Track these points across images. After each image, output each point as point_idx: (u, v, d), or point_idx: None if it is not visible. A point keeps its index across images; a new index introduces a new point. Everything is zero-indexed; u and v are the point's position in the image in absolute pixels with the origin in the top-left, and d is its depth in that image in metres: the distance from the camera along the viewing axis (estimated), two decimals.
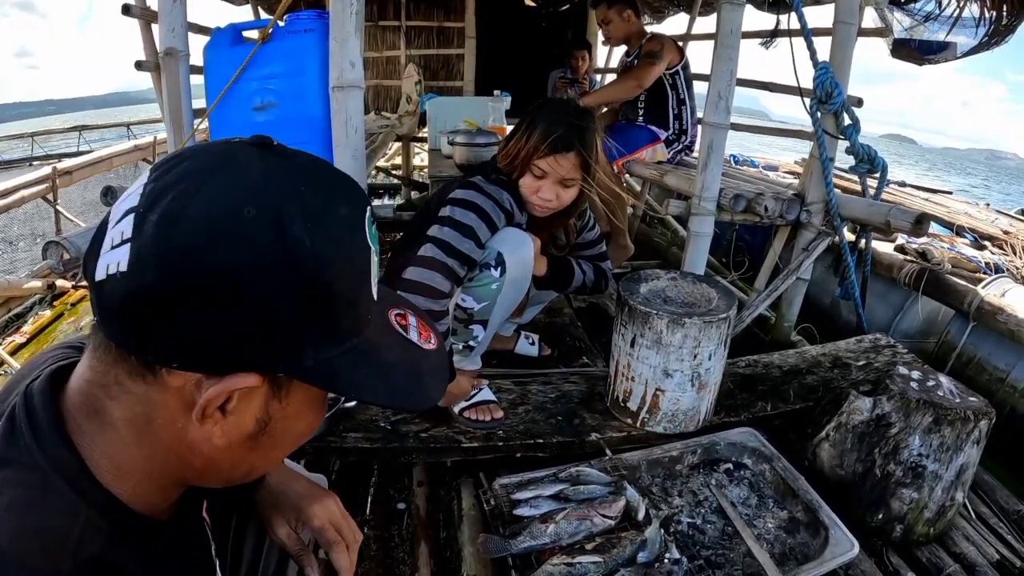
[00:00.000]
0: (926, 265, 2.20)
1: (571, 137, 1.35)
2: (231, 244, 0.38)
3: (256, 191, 0.40)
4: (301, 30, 1.75)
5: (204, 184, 0.39)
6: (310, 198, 0.42)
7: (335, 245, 0.42)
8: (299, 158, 0.45)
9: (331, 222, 0.42)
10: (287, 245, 0.39)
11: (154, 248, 0.38)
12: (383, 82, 5.38)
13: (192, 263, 0.37)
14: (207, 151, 0.42)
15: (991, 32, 2.21)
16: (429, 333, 0.55)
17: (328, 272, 0.42)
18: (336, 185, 0.45)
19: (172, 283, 0.38)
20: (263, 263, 0.39)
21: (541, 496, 1.14)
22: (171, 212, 0.38)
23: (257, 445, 0.46)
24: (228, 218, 0.38)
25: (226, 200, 0.39)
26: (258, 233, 0.38)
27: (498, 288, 1.41)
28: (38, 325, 3.19)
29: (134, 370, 0.41)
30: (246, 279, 0.38)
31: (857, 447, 1.25)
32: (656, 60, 2.69)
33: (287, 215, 0.40)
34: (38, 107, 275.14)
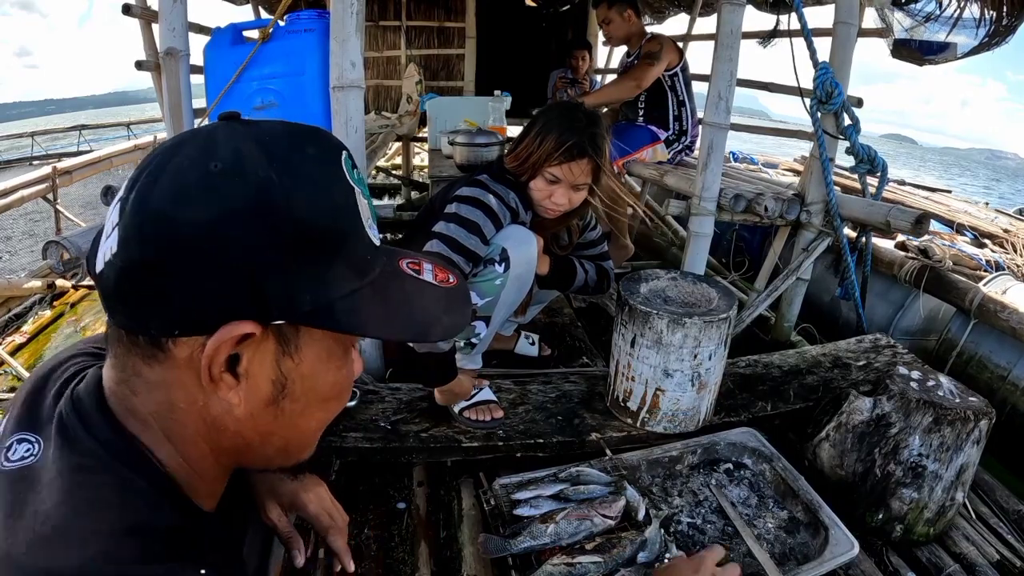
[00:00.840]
0: (927, 262, 2.20)
1: (585, 144, 1.36)
2: (201, 198, 0.39)
3: (221, 147, 0.41)
4: (301, 30, 1.74)
5: (173, 156, 0.41)
6: (274, 145, 0.42)
7: (306, 181, 0.42)
8: (265, 123, 0.45)
9: (299, 160, 0.42)
10: (255, 187, 0.40)
11: (133, 222, 0.39)
12: (383, 82, 5.38)
13: (167, 225, 0.38)
14: (183, 134, 0.44)
15: (991, 32, 2.20)
16: (447, 274, 0.53)
17: (303, 207, 0.41)
18: (302, 133, 0.45)
19: (153, 249, 0.39)
20: (234, 208, 0.39)
21: (541, 496, 1.14)
22: (145, 187, 0.40)
23: (281, 412, 0.46)
24: (195, 177, 0.39)
25: (191, 162, 0.40)
26: (224, 183, 0.39)
27: (502, 284, 1.42)
28: (38, 325, 3.19)
29: (146, 353, 0.42)
30: (220, 228, 0.39)
31: (857, 447, 1.25)
32: (655, 61, 2.70)
33: (252, 161, 0.40)
34: (38, 106, 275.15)
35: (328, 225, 0.43)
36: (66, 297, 3.47)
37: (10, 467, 0.44)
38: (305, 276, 0.41)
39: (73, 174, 3.96)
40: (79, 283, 3.44)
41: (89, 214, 4.43)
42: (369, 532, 1.21)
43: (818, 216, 2.10)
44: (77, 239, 1.48)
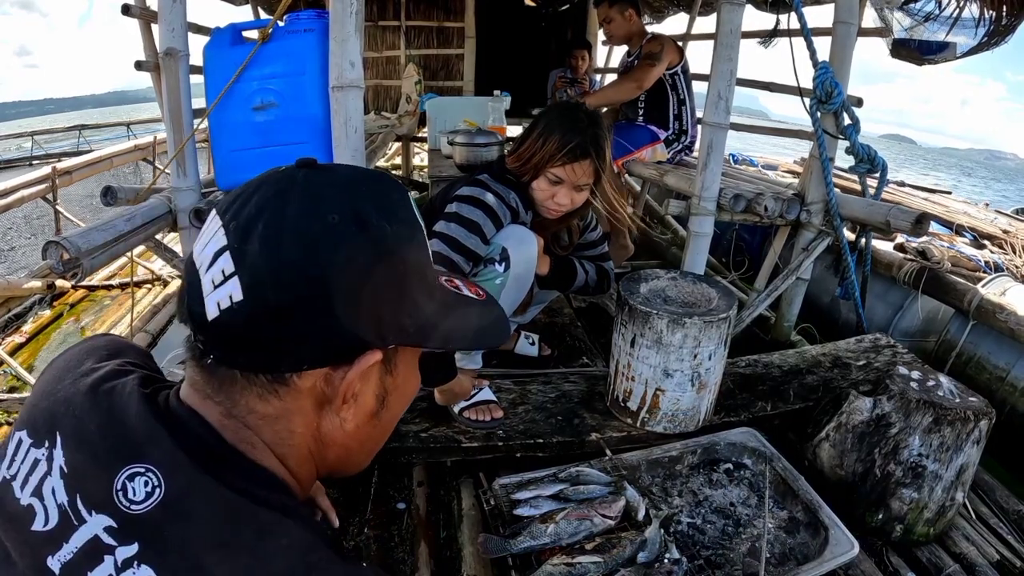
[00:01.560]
0: (926, 264, 2.20)
1: (587, 145, 1.37)
2: (329, 248, 0.43)
3: (331, 200, 0.45)
4: (301, 30, 1.74)
5: (285, 206, 0.44)
6: (372, 193, 0.48)
7: (404, 224, 0.48)
8: (341, 169, 0.50)
9: (395, 208, 0.48)
10: (373, 236, 0.45)
11: (266, 270, 0.42)
12: (383, 82, 5.38)
13: (302, 272, 0.42)
14: (268, 182, 0.47)
15: (991, 32, 2.20)
16: (476, 288, 0.61)
17: (407, 248, 0.48)
18: (378, 179, 0.51)
19: (290, 294, 0.42)
20: (359, 255, 0.44)
21: (541, 496, 1.13)
22: (269, 236, 0.43)
23: (379, 421, 0.53)
24: (320, 228, 0.43)
25: (310, 213, 0.44)
26: (348, 233, 0.44)
27: (502, 283, 1.42)
28: (38, 325, 3.19)
29: (264, 391, 0.46)
30: (349, 273, 0.43)
31: (857, 447, 1.25)
32: (656, 62, 2.70)
33: (363, 210, 0.45)
34: (38, 106, 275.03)
35: (418, 259, 0.50)
36: (66, 297, 3.47)
37: (139, 511, 0.39)
38: (407, 303, 0.48)
39: (73, 174, 3.95)
40: (78, 283, 3.44)
41: (89, 214, 4.43)
42: (369, 532, 1.21)
43: (818, 216, 2.10)
44: (77, 239, 1.48)
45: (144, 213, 1.73)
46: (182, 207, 1.80)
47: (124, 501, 0.39)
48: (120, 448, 0.42)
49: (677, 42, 2.93)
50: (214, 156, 1.86)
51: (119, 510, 0.39)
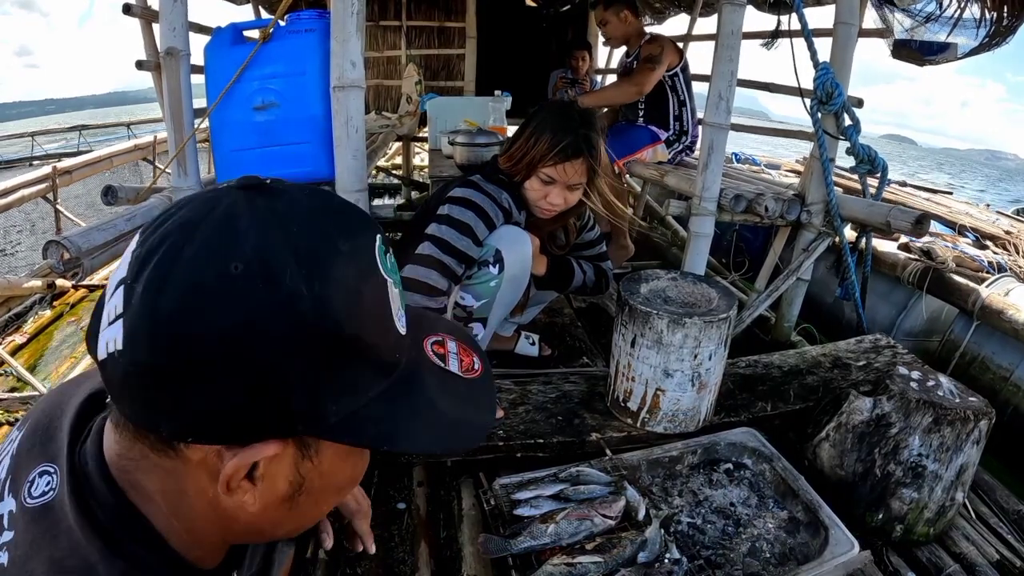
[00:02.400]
0: (930, 264, 2.20)
1: (579, 144, 1.36)
2: (220, 306, 0.35)
3: (240, 242, 0.36)
4: (302, 30, 1.74)
5: (186, 242, 0.36)
6: (304, 239, 0.38)
7: (338, 288, 0.38)
8: (290, 194, 0.40)
9: (331, 263, 0.39)
10: (282, 299, 0.36)
11: (142, 322, 0.36)
12: (383, 82, 5.38)
13: (182, 333, 0.35)
14: (190, 203, 0.39)
15: (991, 33, 2.20)
16: (471, 358, 0.51)
17: (335, 321, 0.38)
18: (335, 219, 0.41)
19: (166, 357, 0.35)
20: (258, 323, 0.36)
21: (541, 496, 1.13)
22: (154, 279, 0.36)
23: (296, 505, 0.44)
24: (213, 278, 0.35)
25: (209, 257, 0.36)
26: (248, 290, 0.35)
27: (497, 285, 1.41)
28: (38, 325, 3.19)
29: (155, 445, 0.40)
30: (243, 343, 0.35)
31: (857, 447, 1.25)
32: (655, 65, 2.70)
33: (278, 264, 0.36)
34: (38, 106, 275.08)
35: (358, 334, 0.40)
36: (66, 297, 3.47)
37: (32, 504, 0.42)
38: (331, 387, 0.39)
39: (73, 174, 3.96)
40: (79, 283, 3.45)
41: (89, 214, 4.43)
42: None
43: (818, 216, 2.09)
44: (77, 239, 1.48)
45: (144, 213, 1.73)
46: None
47: (27, 493, 0.42)
48: (47, 445, 0.45)
49: (676, 43, 2.92)
50: (215, 156, 1.86)
51: (21, 500, 0.42)
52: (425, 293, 1.29)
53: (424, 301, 1.29)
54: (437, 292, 1.30)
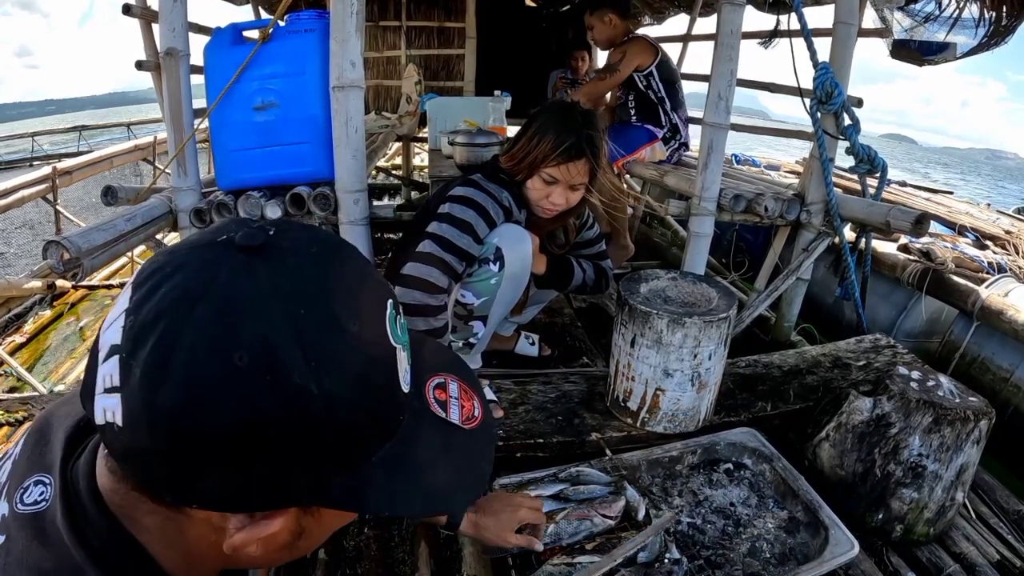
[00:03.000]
0: (930, 264, 2.20)
1: (582, 144, 1.36)
2: (224, 403, 0.34)
3: (243, 329, 0.35)
4: (301, 30, 1.74)
5: (184, 324, 0.34)
6: (311, 326, 0.36)
7: (348, 379, 0.37)
8: (295, 259, 0.38)
9: (340, 351, 0.37)
10: (290, 397, 0.35)
11: (142, 410, 0.35)
12: (383, 82, 5.38)
13: (183, 424, 0.34)
14: (186, 266, 0.37)
15: (991, 32, 2.20)
16: (472, 404, 0.51)
17: (344, 413, 0.37)
18: (344, 294, 0.39)
19: (168, 445, 0.35)
20: (266, 421, 0.35)
21: (541, 496, 1.13)
22: (153, 367, 0.34)
23: (296, 547, 0.44)
24: (216, 372, 0.34)
25: (210, 347, 0.34)
26: (254, 387, 0.34)
27: (497, 283, 1.42)
28: (38, 325, 3.19)
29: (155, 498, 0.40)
30: (249, 438, 0.35)
31: (857, 447, 1.25)
32: (608, 74, 2.81)
33: (285, 356, 0.35)
34: (38, 107, 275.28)
35: (367, 421, 0.40)
36: (66, 297, 3.47)
37: (23, 510, 0.42)
38: (337, 465, 0.39)
39: (73, 174, 3.96)
40: (79, 283, 3.45)
41: (89, 214, 4.43)
42: (369, 532, 1.21)
43: (818, 216, 2.10)
44: (77, 239, 1.48)
45: (144, 213, 1.73)
46: (182, 207, 1.80)
47: (19, 499, 0.43)
48: (45, 455, 0.45)
49: (651, 42, 2.89)
50: (215, 156, 1.86)
51: (13, 505, 0.43)
52: (426, 290, 1.29)
53: (425, 299, 1.29)
54: (438, 290, 1.30)
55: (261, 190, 1.81)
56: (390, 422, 0.43)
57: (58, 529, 0.40)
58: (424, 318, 1.31)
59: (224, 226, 0.40)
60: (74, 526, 0.40)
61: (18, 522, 0.42)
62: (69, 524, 0.40)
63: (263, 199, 1.77)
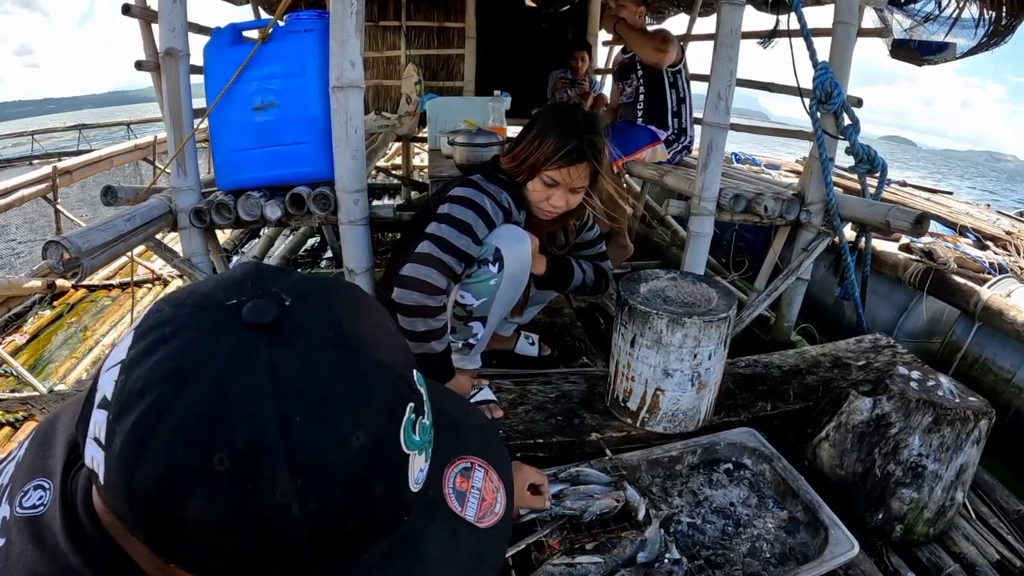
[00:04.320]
0: (931, 265, 2.20)
1: (584, 148, 1.36)
2: (198, 500, 0.32)
3: (230, 427, 0.32)
4: (301, 30, 1.74)
5: (170, 404, 0.32)
6: (306, 437, 0.33)
7: (339, 495, 0.34)
8: (303, 345, 0.35)
9: (335, 467, 0.34)
10: (268, 511, 0.32)
11: (120, 482, 0.33)
12: (383, 82, 5.38)
13: (160, 510, 0.33)
14: (186, 331, 0.35)
15: (990, 33, 2.20)
16: (495, 496, 0.47)
17: (329, 526, 0.34)
18: (352, 396, 0.35)
19: (143, 521, 0.34)
20: (240, 528, 0.32)
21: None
22: (132, 444, 0.32)
23: None
24: (194, 469, 0.31)
25: (191, 442, 0.32)
26: (230, 493, 0.32)
27: (496, 284, 1.42)
28: (38, 325, 3.19)
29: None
30: (222, 537, 0.33)
31: (857, 447, 1.25)
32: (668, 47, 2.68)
33: (269, 468, 0.32)
34: (38, 106, 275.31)
35: (358, 527, 0.37)
36: (66, 297, 3.47)
37: (21, 513, 0.42)
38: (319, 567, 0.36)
39: (73, 174, 3.95)
40: (79, 283, 3.45)
41: (89, 214, 4.43)
42: None
43: (818, 216, 2.09)
44: (77, 239, 1.48)
45: (144, 213, 1.73)
46: (182, 207, 1.80)
47: (20, 503, 0.42)
48: (46, 460, 0.45)
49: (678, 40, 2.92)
50: (214, 156, 1.86)
51: (14, 508, 0.42)
52: (425, 291, 1.29)
53: (424, 300, 1.29)
54: (436, 291, 1.30)
55: (261, 190, 1.81)
56: (388, 525, 0.40)
57: (55, 535, 0.40)
58: (423, 319, 1.31)
59: (241, 281, 0.37)
60: (71, 534, 0.40)
61: (16, 525, 0.42)
62: (67, 532, 0.40)
63: (263, 199, 1.77)
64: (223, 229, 1.88)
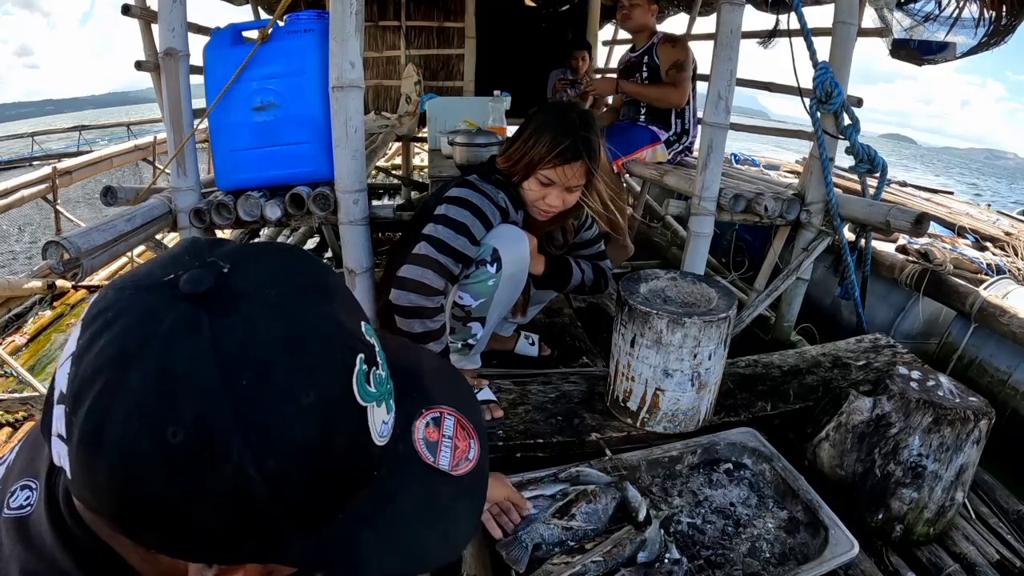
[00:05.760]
0: (928, 266, 2.20)
1: (579, 147, 1.36)
2: (158, 478, 0.32)
3: (178, 400, 0.32)
4: (301, 30, 1.74)
5: (118, 388, 0.32)
6: (254, 399, 0.33)
7: (296, 456, 0.34)
8: (245, 309, 0.34)
9: (288, 426, 0.34)
10: (227, 477, 0.32)
11: (83, 473, 0.34)
12: (383, 82, 5.38)
13: (123, 495, 0.33)
14: (127, 313, 0.34)
15: (990, 32, 2.20)
16: (467, 443, 0.47)
17: (291, 488, 0.34)
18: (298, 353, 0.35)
19: (109, 507, 0.34)
20: (203, 498, 0.33)
21: (541, 496, 1.13)
22: (88, 434, 0.33)
23: None
24: (149, 447, 0.32)
25: (143, 422, 0.32)
26: (189, 465, 0.32)
27: (495, 284, 1.42)
28: (38, 325, 3.19)
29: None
30: (187, 510, 0.33)
31: (857, 447, 1.25)
32: (686, 72, 2.73)
33: (222, 434, 0.32)
34: (38, 107, 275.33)
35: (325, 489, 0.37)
36: (66, 297, 3.47)
37: (8, 515, 0.42)
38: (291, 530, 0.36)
39: (73, 174, 3.95)
40: (79, 283, 3.44)
41: (89, 214, 4.43)
42: None
43: (818, 216, 2.10)
44: (77, 239, 1.48)
45: (144, 213, 1.73)
46: (182, 207, 1.80)
47: (7, 504, 0.42)
48: (34, 461, 0.45)
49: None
50: (214, 156, 1.86)
51: (2, 509, 0.42)
52: (421, 292, 1.29)
53: (420, 301, 1.29)
54: (433, 292, 1.30)
55: (261, 190, 1.81)
56: (355, 483, 0.39)
57: (42, 535, 0.40)
58: (420, 320, 1.31)
59: (178, 256, 0.37)
60: (58, 535, 0.40)
61: (6, 526, 0.42)
62: (54, 532, 0.40)
63: (263, 199, 1.77)
64: (223, 229, 1.88)
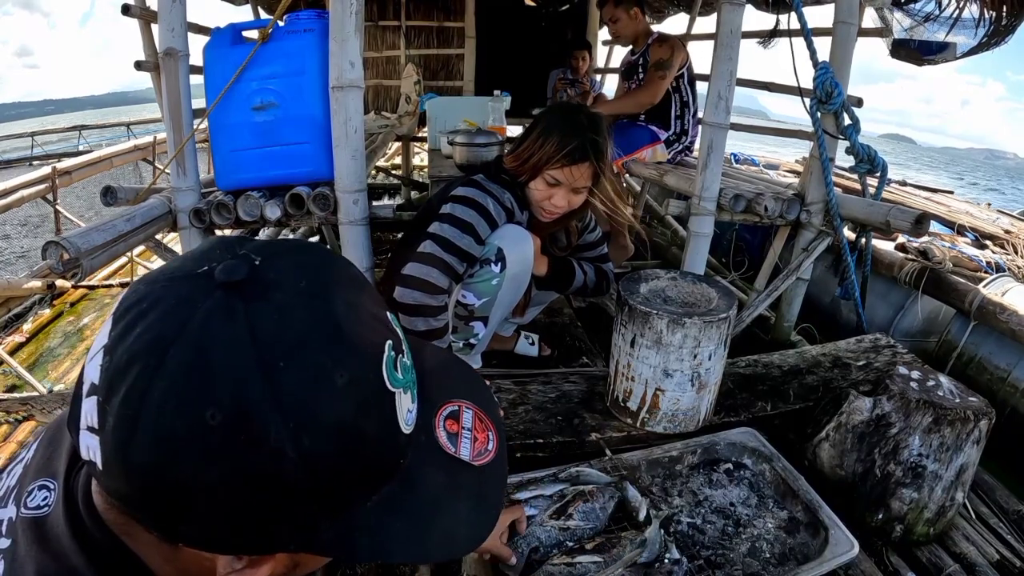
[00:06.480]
0: (927, 264, 2.20)
1: (587, 148, 1.36)
2: (195, 461, 0.32)
3: (216, 382, 0.32)
4: (301, 30, 1.74)
5: (155, 373, 0.32)
6: (291, 380, 0.34)
7: (332, 436, 0.35)
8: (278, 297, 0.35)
9: (324, 407, 0.35)
10: (264, 457, 0.33)
11: (116, 461, 0.34)
12: (383, 82, 5.38)
13: (156, 481, 0.33)
14: (162, 303, 0.35)
15: (991, 32, 2.20)
16: (486, 435, 0.48)
17: (326, 469, 0.35)
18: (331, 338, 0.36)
19: (142, 496, 0.34)
20: (239, 480, 0.33)
21: (541, 496, 1.13)
22: (124, 420, 0.33)
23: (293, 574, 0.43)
24: (186, 430, 0.32)
25: (180, 404, 0.32)
26: (225, 446, 0.32)
27: (498, 284, 1.42)
28: (38, 325, 3.19)
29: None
30: (223, 495, 0.33)
31: (857, 447, 1.25)
32: (666, 72, 2.71)
33: (259, 415, 0.33)
34: (38, 107, 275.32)
35: (356, 472, 0.38)
36: (66, 297, 3.48)
37: (25, 514, 0.42)
38: (323, 515, 0.37)
39: (73, 174, 3.96)
40: (78, 283, 3.44)
41: (89, 214, 4.43)
42: None
43: (818, 216, 2.09)
44: (77, 239, 1.48)
45: (144, 213, 1.73)
46: (182, 207, 1.80)
47: (25, 503, 0.43)
48: (52, 461, 0.45)
49: (682, 41, 2.92)
50: (214, 156, 1.86)
51: (19, 509, 0.43)
52: (426, 291, 1.29)
53: (425, 299, 1.29)
54: (438, 290, 1.30)
55: (260, 190, 1.81)
56: (385, 468, 0.40)
57: (59, 536, 0.40)
58: (424, 318, 1.31)
59: (208, 251, 0.38)
60: (76, 535, 0.40)
61: (22, 525, 0.42)
62: (71, 533, 0.40)
63: (262, 199, 1.77)
64: (223, 229, 1.88)
